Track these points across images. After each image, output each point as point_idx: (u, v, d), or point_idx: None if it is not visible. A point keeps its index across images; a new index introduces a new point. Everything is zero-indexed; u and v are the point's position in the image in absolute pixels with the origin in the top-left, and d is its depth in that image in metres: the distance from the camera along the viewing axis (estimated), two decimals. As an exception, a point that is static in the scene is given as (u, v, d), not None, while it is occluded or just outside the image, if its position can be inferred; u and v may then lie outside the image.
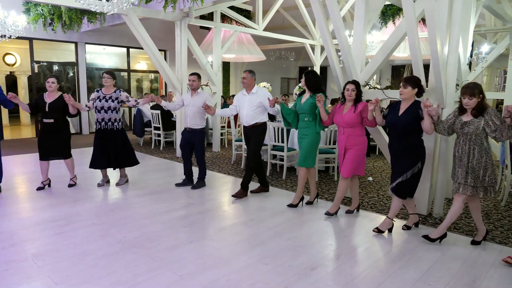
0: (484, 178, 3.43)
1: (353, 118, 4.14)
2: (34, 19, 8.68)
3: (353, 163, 4.19)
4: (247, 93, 5.02)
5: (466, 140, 3.46)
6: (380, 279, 3.02)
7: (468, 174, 3.45)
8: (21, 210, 4.49)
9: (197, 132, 5.37)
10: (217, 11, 8.64)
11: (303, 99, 4.59)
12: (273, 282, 2.94)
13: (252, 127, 4.99)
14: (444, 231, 3.66)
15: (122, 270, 3.07)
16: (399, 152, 3.81)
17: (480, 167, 3.41)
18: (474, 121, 3.39)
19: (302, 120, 4.58)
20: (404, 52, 9.46)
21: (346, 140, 4.20)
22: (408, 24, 3.97)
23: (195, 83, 5.29)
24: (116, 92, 5.26)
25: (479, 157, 3.41)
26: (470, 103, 3.38)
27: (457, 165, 3.53)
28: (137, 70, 13.44)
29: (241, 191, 5.10)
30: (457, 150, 3.54)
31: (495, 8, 6.50)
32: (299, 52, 15.54)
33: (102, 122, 5.21)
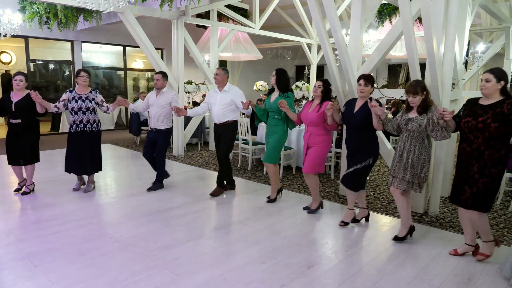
0: (420, 175, 3.51)
1: (315, 117, 4.17)
2: (29, 17, 8.63)
3: (315, 161, 4.24)
4: (219, 91, 4.99)
5: (408, 137, 3.53)
6: (376, 277, 3.03)
7: (406, 170, 3.51)
8: (16, 209, 4.47)
9: (162, 132, 5.20)
10: (214, 9, 8.62)
11: (272, 98, 4.67)
12: (270, 280, 2.94)
13: (223, 125, 4.98)
14: (408, 226, 3.71)
15: (119, 269, 3.07)
16: (354, 147, 3.93)
17: (419, 164, 3.49)
18: (418, 118, 3.46)
19: (272, 117, 4.67)
20: (400, 51, 9.48)
21: (309, 138, 4.27)
22: (404, 23, 3.98)
23: (159, 82, 5.11)
24: (92, 93, 4.98)
25: (418, 154, 3.49)
26: (414, 101, 3.46)
27: (396, 160, 3.60)
28: (133, 68, 13.39)
29: (217, 188, 5.16)
30: (399, 146, 3.62)
31: (491, 7, 6.54)
32: (295, 51, 15.54)
33: (80, 124, 4.89)
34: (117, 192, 5.22)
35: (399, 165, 3.56)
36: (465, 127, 3.18)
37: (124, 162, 7.35)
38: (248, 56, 11.52)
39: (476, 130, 3.10)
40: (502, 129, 3.02)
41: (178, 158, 7.63)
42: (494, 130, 3.02)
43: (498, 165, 3.08)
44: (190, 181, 5.79)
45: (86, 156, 4.97)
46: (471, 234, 3.38)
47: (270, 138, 4.69)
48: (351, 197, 4.09)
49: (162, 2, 6.54)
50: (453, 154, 5.15)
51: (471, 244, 3.40)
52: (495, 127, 3.01)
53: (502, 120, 3.00)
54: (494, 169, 3.08)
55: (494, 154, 3.06)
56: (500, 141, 3.05)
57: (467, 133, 3.19)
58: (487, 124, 3.03)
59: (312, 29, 11.37)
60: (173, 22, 7.67)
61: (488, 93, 3.10)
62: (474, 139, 3.12)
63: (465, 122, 3.18)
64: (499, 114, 3.01)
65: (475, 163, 3.13)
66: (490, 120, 3.02)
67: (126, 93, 12.82)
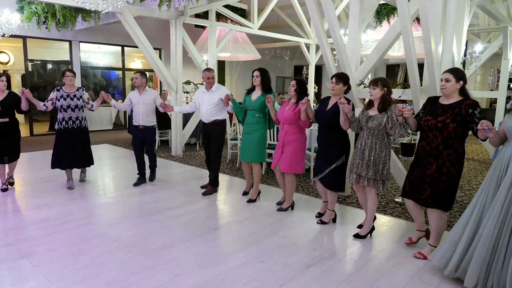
0: (382, 172, 3.56)
1: (291, 116, 4.22)
2: (27, 17, 8.61)
3: (292, 159, 4.29)
4: (207, 91, 5.08)
5: (369, 135, 3.58)
6: (375, 277, 3.04)
7: (369, 167, 3.56)
8: (15, 209, 4.47)
9: (150, 128, 5.51)
10: (212, 9, 8.63)
11: (253, 96, 4.71)
12: (268, 280, 2.95)
13: (212, 124, 5.06)
14: (371, 225, 3.81)
15: (117, 269, 3.07)
16: (326, 145, 3.99)
17: (380, 161, 3.54)
18: (378, 116, 3.51)
19: (252, 116, 4.71)
20: (398, 51, 9.50)
21: (284, 136, 4.33)
22: (403, 23, 3.99)
23: (137, 80, 5.36)
24: (79, 91, 5.20)
25: (379, 151, 3.54)
26: (373, 93, 3.52)
27: (358, 157, 3.65)
28: (132, 68, 13.37)
29: (210, 187, 5.24)
30: (360, 143, 3.66)
31: (489, 7, 6.55)
32: (294, 51, 15.55)
33: (69, 121, 5.10)
34: (115, 192, 5.22)
35: (362, 163, 3.61)
36: (425, 125, 3.24)
37: (122, 162, 7.34)
38: (246, 56, 11.51)
39: (436, 129, 3.16)
40: (460, 130, 3.09)
41: (176, 158, 7.63)
42: (452, 130, 3.09)
43: (456, 164, 3.14)
44: (189, 181, 5.79)
45: (79, 152, 5.20)
46: (419, 221, 3.51)
47: (250, 136, 4.73)
48: (331, 198, 4.10)
49: (161, 2, 6.54)
50: None
51: (420, 229, 3.54)
52: (453, 127, 3.08)
53: (460, 121, 3.07)
54: (452, 168, 3.14)
55: (452, 153, 3.13)
56: (458, 141, 3.13)
57: (426, 131, 3.24)
58: (446, 124, 3.10)
59: (310, 29, 11.38)
60: (172, 22, 7.67)
61: (447, 93, 3.17)
62: (433, 138, 3.18)
63: (425, 121, 3.24)
64: (458, 114, 3.08)
65: (434, 162, 3.19)
66: (449, 120, 3.09)
67: (125, 93, 12.81)
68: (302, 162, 4.36)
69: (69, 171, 5.31)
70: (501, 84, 8.31)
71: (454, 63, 4.49)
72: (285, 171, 4.35)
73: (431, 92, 4.20)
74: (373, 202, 3.71)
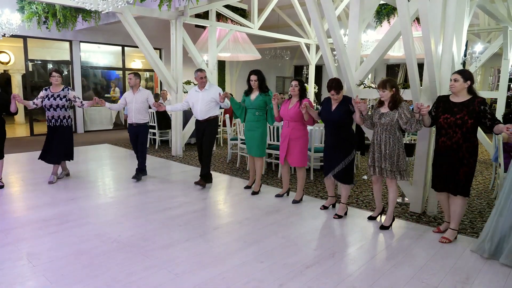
0: (398, 164, 3.85)
1: (297, 113, 4.53)
2: (28, 17, 8.61)
3: (302, 154, 4.66)
4: (200, 90, 5.35)
5: (383, 130, 3.89)
6: (374, 277, 3.04)
7: (386, 160, 3.88)
8: (15, 209, 4.47)
9: (142, 125, 5.76)
10: (212, 9, 8.62)
11: (252, 96, 5.03)
12: (268, 280, 2.95)
13: (206, 121, 5.34)
14: (392, 216, 4.08)
15: (117, 268, 3.07)
16: (335, 144, 4.24)
17: (394, 154, 3.85)
18: (390, 113, 3.82)
19: (253, 114, 5.05)
20: (398, 51, 9.50)
21: (291, 133, 4.63)
22: (402, 24, 3.99)
23: (131, 81, 5.66)
24: (64, 90, 5.41)
25: (393, 145, 3.85)
26: (383, 95, 3.84)
27: (376, 151, 3.95)
28: (132, 68, 13.37)
29: (201, 180, 5.48)
30: (375, 138, 3.97)
31: (489, 7, 6.54)
32: (294, 51, 15.55)
33: (52, 119, 5.37)
34: (115, 192, 5.22)
35: (380, 156, 3.92)
36: (445, 123, 3.61)
37: (122, 162, 7.35)
38: (246, 56, 11.51)
39: (456, 126, 3.53)
40: (476, 124, 3.52)
41: (176, 158, 7.63)
42: (470, 126, 3.50)
43: (474, 155, 3.55)
44: (189, 181, 5.79)
45: (57, 148, 5.41)
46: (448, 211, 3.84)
47: (252, 133, 5.07)
48: (345, 191, 4.36)
49: (161, 2, 6.55)
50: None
51: (455, 229, 3.78)
52: (471, 123, 3.49)
53: (476, 117, 3.48)
54: (471, 159, 3.55)
55: (470, 146, 3.53)
56: (474, 134, 3.54)
57: (446, 128, 3.61)
58: (465, 120, 3.49)
59: (310, 29, 11.38)
60: (172, 22, 7.67)
61: (456, 91, 3.56)
62: (453, 134, 3.55)
63: (444, 119, 3.61)
64: (473, 111, 3.48)
65: (455, 155, 3.56)
66: (467, 117, 3.48)
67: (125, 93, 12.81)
68: (306, 156, 4.74)
69: (56, 166, 5.54)
70: (501, 84, 8.30)
71: (454, 63, 4.49)
72: (299, 165, 4.70)
73: (431, 92, 4.20)
74: (394, 192, 3.98)
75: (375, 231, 4.00)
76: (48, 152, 5.44)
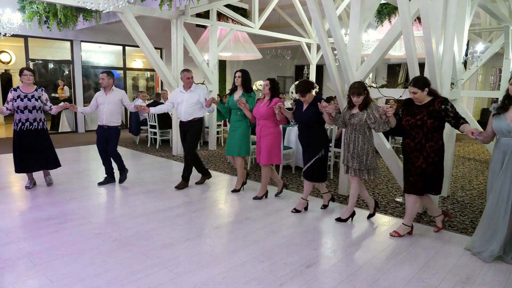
0: (366, 162, 3.94)
1: (266, 111, 4.65)
2: (29, 17, 8.62)
3: (269, 151, 4.72)
4: (185, 91, 5.30)
5: (352, 130, 3.99)
6: (375, 276, 3.04)
7: (354, 158, 3.98)
8: (16, 208, 4.48)
9: (113, 129, 5.37)
10: (213, 9, 8.62)
11: (235, 96, 5.04)
12: (268, 279, 2.95)
13: (190, 122, 5.29)
14: (352, 210, 4.21)
15: (118, 268, 3.07)
16: (306, 142, 4.36)
17: (363, 152, 3.94)
18: (359, 113, 3.92)
19: (235, 114, 5.08)
20: (399, 51, 9.49)
21: (261, 131, 4.75)
22: (403, 23, 3.99)
23: (104, 81, 5.27)
24: (38, 91, 5.01)
25: (362, 144, 3.95)
26: (359, 100, 3.90)
27: (345, 150, 4.07)
28: (133, 68, 13.39)
29: (182, 182, 5.43)
30: (345, 138, 4.09)
31: (490, 7, 6.53)
32: (295, 51, 15.55)
33: (26, 122, 4.91)
34: (116, 191, 5.23)
35: (348, 155, 4.03)
36: (407, 125, 3.71)
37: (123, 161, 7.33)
38: (247, 55, 11.52)
39: (416, 127, 3.63)
40: (437, 124, 3.57)
41: (177, 158, 7.63)
42: (430, 125, 3.56)
43: (439, 154, 3.61)
44: (189, 181, 5.79)
45: (39, 154, 5.04)
46: (432, 207, 3.99)
47: (234, 133, 5.07)
48: (308, 188, 4.47)
49: (162, 1, 6.54)
50: (452, 154, 5.16)
51: (439, 214, 3.98)
52: (430, 122, 3.55)
53: (436, 116, 3.55)
54: (436, 157, 3.61)
55: (434, 145, 3.59)
56: (437, 133, 3.60)
57: (409, 130, 3.71)
58: (424, 120, 3.57)
59: (311, 29, 11.37)
60: (173, 22, 7.67)
61: (420, 101, 3.66)
62: (416, 135, 3.65)
63: (406, 121, 3.71)
64: (433, 111, 3.56)
65: (420, 155, 3.64)
66: (426, 117, 3.57)
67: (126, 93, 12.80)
68: (278, 153, 4.83)
69: (30, 174, 5.22)
70: (503, 84, 8.29)
71: (455, 63, 4.49)
72: (264, 163, 4.78)
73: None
74: (354, 189, 4.12)
75: (375, 231, 3.99)
76: (27, 161, 4.99)
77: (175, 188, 5.35)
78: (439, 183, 3.69)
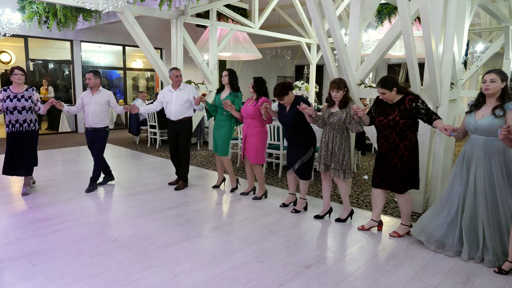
0: (342, 162, 3.95)
1: (253, 111, 4.66)
2: (29, 17, 8.61)
3: (257, 151, 4.76)
4: (174, 90, 5.26)
5: (331, 129, 3.99)
6: (374, 277, 3.04)
7: (331, 158, 3.98)
8: (16, 208, 4.47)
9: (100, 130, 5.19)
10: (213, 9, 8.61)
11: (222, 95, 5.05)
12: (268, 280, 2.95)
13: (180, 121, 5.25)
14: (349, 209, 4.23)
15: (117, 268, 3.07)
16: (293, 142, 4.39)
17: (340, 152, 3.95)
18: (338, 112, 3.92)
19: (221, 113, 5.07)
20: (400, 51, 9.47)
21: (247, 130, 4.79)
22: (403, 23, 3.98)
23: (91, 81, 5.08)
24: (28, 91, 4.82)
25: (340, 144, 3.95)
26: (337, 95, 3.90)
27: (324, 149, 4.05)
28: (133, 68, 13.39)
29: (181, 182, 5.44)
30: (324, 137, 4.06)
31: (490, 7, 6.52)
32: (295, 51, 15.53)
33: (16, 124, 4.74)
34: (116, 192, 5.22)
35: (327, 154, 4.02)
36: (380, 125, 3.71)
37: (123, 161, 7.35)
38: (247, 55, 11.50)
39: (389, 127, 3.63)
40: (409, 122, 3.56)
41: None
42: (403, 125, 3.56)
43: (413, 152, 3.62)
44: (189, 181, 5.78)
45: (26, 157, 4.86)
46: (378, 211, 3.96)
47: (218, 132, 5.11)
48: (304, 186, 4.50)
49: (161, 1, 6.54)
50: (452, 153, 5.15)
51: (376, 220, 3.98)
52: (403, 122, 3.55)
53: (407, 115, 3.55)
54: (411, 156, 3.61)
55: (408, 144, 3.60)
56: (410, 132, 3.60)
57: (382, 130, 3.71)
58: (396, 121, 3.57)
59: (311, 29, 11.36)
60: (172, 22, 7.66)
61: (390, 101, 3.64)
62: (389, 135, 3.65)
63: (379, 121, 3.71)
64: (404, 110, 3.56)
65: (395, 155, 3.64)
66: (398, 117, 3.56)
67: (126, 93, 12.82)
68: (263, 154, 4.85)
69: (28, 178, 5.04)
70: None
71: (455, 63, 4.48)
72: (253, 162, 4.81)
73: (431, 91, 4.19)
74: (344, 188, 4.12)
75: (375, 232, 3.98)
76: (15, 164, 4.82)
77: (174, 189, 5.34)
78: (416, 178, 3.70)
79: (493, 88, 3.16)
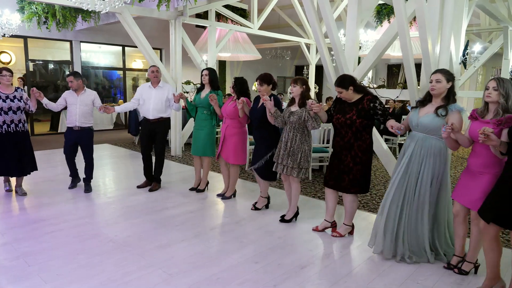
0: (300, 160, 3.90)
1: (232, 111, 4.64)
2: (28, 18, 8.63)
3: (236, 151, 4.71)
4: (153, 87, 5.15)
5: (291, 128, 3.94)
6: (369, 278, 3.04)
7: (288, 157, 3.93)
8: (12, 209, 4.48)
9: (87, 130, 5.11)
10: (212, 9, 8.62)
11: (202, 94, 5.00)
12: (263, 280, 2.95)
13: (157, 121, 5.15)
14: (295, 209, 4.21)
15: (113, 268, 3.08)
16: (259, 138, 4.40)
17: (299, 151, 3.90)
18: (298, 111, 3.87)
19: (201, 112, 5.02)
20: (399, 51, 9.47)
21: (226, 130, 4.74)
22: (399, 24, 3.99)
23: (74, 84, 5.00)
24: (18, 91, 4.81)
25: (299, 143, 3.91)
26: (294, 90, 3.91)
27: (282, 149, 4.00)
28: (132, 68, 13.41)
29: (155, 184, 5.39)
30: (284, 136, 4.02)
31: (489, 7, 6.52)
32: (294, 51, 15.53)
33: (11, 124, 4.68)
34: (114, 192, 5.23)
35: (284, 153, 3.97)
36: (337, 123, 3.69)
37: (122, 161, 7.36)
38: (247, 56, 11.52)
39: (346, 126, 3.60)
40: (365, 122, 3.55)
41: (176, 158, 7.64)
42: (359, 125, 3.54)
43: (367, 153, 3.60)
44: (187, 181, 5.79)
45: (24, 157, 4.82)
46: (331, 211, 3.93)
47: (199, 132, 5.04)
48: (264, 186, 4.54)
49: (159, 2, 6.55)
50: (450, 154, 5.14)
51: (329, 221, 3.95)
52: (359, 122, 3.53)
53: (364, 115, 3.53)
54: (364, 156, 3.59)
55: (362, 144, 3.58)
56: (365, 132, 3.59)
57: (339, 128, 3.69)
58: (353, 120, 3.55)
59: (310, 29, 11.35)
60: (171, 22, 7.67)
61: (348, 99, 3.62)
62: (345, 134, 3.62)
63: (336, 119, 3.69)
64: (361, 110, 3.53)
65: (348, 154, 3.61)
66: (355, 116, 3.54)
67: (125, 93, 12.84)
68: (244, 154, 4.82)
69: (20, 178, 4.99)
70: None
71: (452, 63, 4.47)
72: (231, 162, 4.75)
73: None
74: (295, 189, 4.09)
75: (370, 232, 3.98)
76: (7, 164, 4.71)
77: (149, 190, 5.26)
78: (367, 182, 3.67)
79: (438, 88, 3.17)
